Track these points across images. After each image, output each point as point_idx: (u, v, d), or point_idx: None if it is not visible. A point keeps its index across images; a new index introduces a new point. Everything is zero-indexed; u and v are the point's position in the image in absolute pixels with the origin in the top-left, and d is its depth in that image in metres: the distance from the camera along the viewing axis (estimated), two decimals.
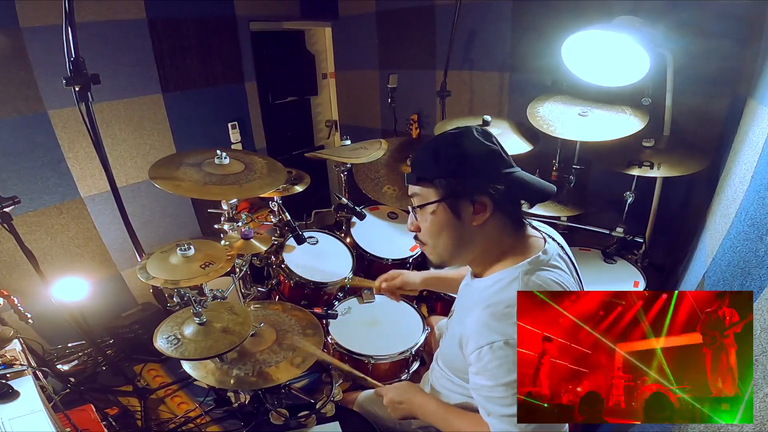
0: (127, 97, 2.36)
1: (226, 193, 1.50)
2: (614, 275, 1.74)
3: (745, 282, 0.87)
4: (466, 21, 2.41)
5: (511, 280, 0.88)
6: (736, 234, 1.04)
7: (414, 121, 2.91)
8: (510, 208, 0.92)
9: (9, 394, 1.19)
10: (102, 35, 2.20)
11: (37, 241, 2.16)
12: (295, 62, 3.36)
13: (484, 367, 0.83)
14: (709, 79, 1.77)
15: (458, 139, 0.91)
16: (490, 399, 0.84)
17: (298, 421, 1.35)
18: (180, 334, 1.23)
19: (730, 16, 1.66)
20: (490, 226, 0.91)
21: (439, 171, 0.90)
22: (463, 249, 0.95)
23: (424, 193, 0.92)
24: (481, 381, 0.85)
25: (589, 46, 1.68)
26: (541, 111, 1.90)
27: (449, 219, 0.90)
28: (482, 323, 0.84)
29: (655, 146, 1.75)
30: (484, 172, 0.89)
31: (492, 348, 0.81)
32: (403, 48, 2.95)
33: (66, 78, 1.23)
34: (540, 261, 0.89)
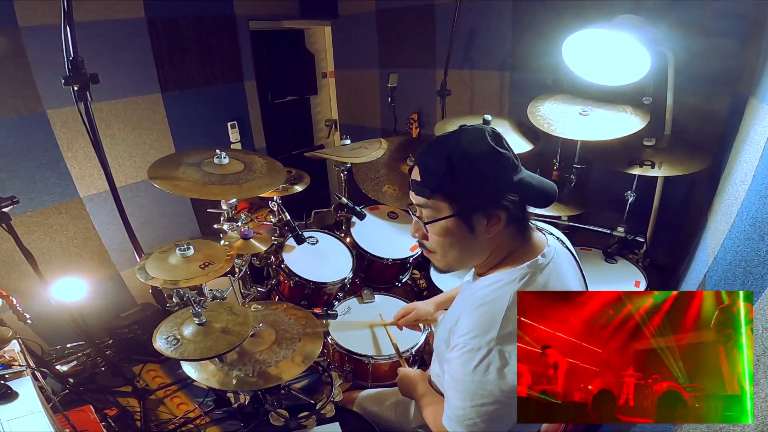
0: (126, 96, 2.35)
1: (226, 192, 1.50)
2: (615, 275, 1.74)
3: (747, 281, 0.86)
4: (467, 20, 2.40)
5: (507, 282, 0.87)
6: (738, 233, 1.03)
7: (414, 121, 2.90)
8: (519, 214, 0.90)
9: (8, 395, 1.19)
10: (101, 34, 2.19)
11: (35, 241, 2.15)
12: (294, 61, 3.35)
13: (457, 358, 0.85)
14: (710, 77, 1.76)
15: (473, 148, 0.85)
16: (454, 390, 0.87)
17: (298, 422, 1.35)
18: (179, 335, 1.23)
19: (731, 15, 1.65)
20: (501, 234, 0.89)
21: (454, 186, 0.85)
22: (473, 258, 0.94)
23: (436, 206, 0.88)
24: (451, 370, 0.88)
25: (589, 45, 1.68)
26: (541, 110, 1.90)
27: (462, 233, 0.88)
28: (471, 320, 0.85)
29: (656, 145, 1.75)
30: (499, 183, 0.86)
31: (470, 345, 0.83)
32: (403, 47, 2.94)
33: (65, 77, 1.23)
34: (539, 264, 0.88)
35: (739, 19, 1.64)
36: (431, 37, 2.73)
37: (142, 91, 2.41)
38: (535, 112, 1.90)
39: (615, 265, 1.80)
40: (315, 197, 2.14)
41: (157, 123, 2.51)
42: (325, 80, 3.56)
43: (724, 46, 1.68)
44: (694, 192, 1.94)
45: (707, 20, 1.69)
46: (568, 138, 1.79)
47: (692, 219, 1.83)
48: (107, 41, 2.22)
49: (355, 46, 3.25)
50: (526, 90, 2.24)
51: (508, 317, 0.81)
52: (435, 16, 2.68)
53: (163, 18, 2.40)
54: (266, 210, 1.97)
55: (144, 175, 1.87)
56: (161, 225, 2.62)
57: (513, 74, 2.44)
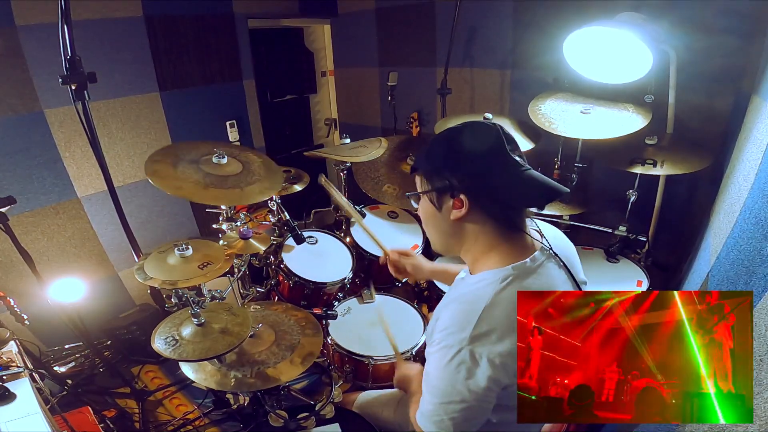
0: (124, 95, 2.34)
1: (228, 197, 1.47)
2: (617, 274, 1.73)
3: (750, 281, 0.85)
4: (467, 17, 2.39)
5: (489, 283, 0.85)
6: (741, 232, 1.03)
7: (414, 119, 2.89)
8: (494, 208, 0.89)
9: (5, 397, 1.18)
10: (98, 33, 2.18)
11: (33, 241, 2.14)
12: (293, 60, 3.34)
13: (434, 353, 0.85)
14: (712, 75, 1.75)
15: (452, 135, 0.91)
16: (424, 384, 0.88)
17: (298, 423, 1.34)
18: (178, 335, 1.22)
19: (733, 12, 1.65)
20: (472, 222, 0.91)
21: (427, 164, 0.94)
22: (449, 240, 0.97)
23: (417, 182, 0.98)
24: (426, 365, 0.88)
25: (591, 42, 1.67)
26: (542, 109, 1.89)
27: (432, 210, 0.94)
28: (450, 315, 0.85)
29: (658, 144, 1.74)
30: (467, 170, 0.87)
31: (440, 341, 0.83)
32: (403, 45, 2.93)
33: (62, 76, 1.22)
34: (525, 267, 0.87)
35: (742, 16, 1.63)
36: (431, 35, 2.72)
37: (140, 90, 2.40)
38: (536, 110, 1.89)
39: (617, 264, 1.79)
40: (314, 196, 2.13)
41: (156, 122, 2.50)
42: (325, 79, 3.55)
43: (726, 43, 1.67)
44: (697, 191, 1.93)
45: (709, 18, 1.68)
46: (569, 137, 1.78)
47: (694, 218, 1.82)
48: (105, 40, 2.21)
49: (355, 44, 3.24)
50: (527, 88, 2.23)
51: (484, 318, 0.79)
52: (435, 14, 2.67)
53: (161, 16, 2.39)
54: (265, 210, 1.96)
55: (142, 174, 1.86)
56: (160, 225, 2.61)
57: (514, 72, 2.43)
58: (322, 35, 3.41)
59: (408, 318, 1.72)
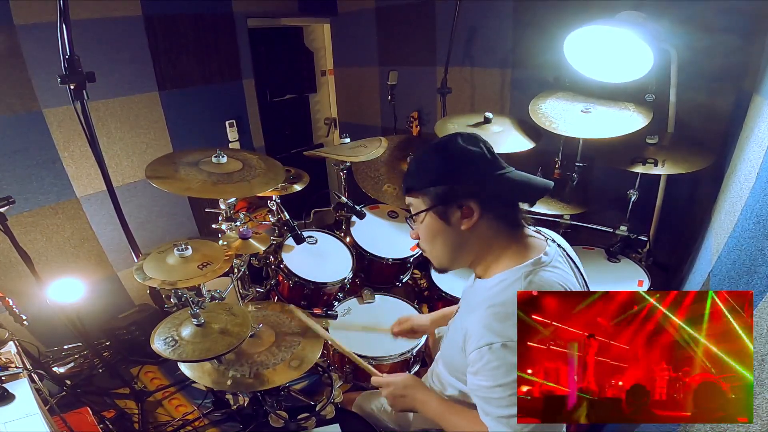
0: (123, 95, 2.34)
1: (238, 190, 1.49)
2: (618, 274, 1.73)
3: (751, 280, 0.85)
4: (467, 17, 2.38)
5: (512, 281, 0.88)
6: (742, 232, 1.03)
7: (414, 119, 2.88)
8: (501, 209, 0.93)
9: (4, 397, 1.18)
10: (97, 32, 2.18)
11: (32, 241, 2.14)
12: (293, 59, 3.34)
13: (483, 367, 0.83)
14: (713, 74, 1.75)
15: (441, 146, 0.94)
16: (488, 400, 0.84)
17: (298, 424, 1.34)
18: (178, 336, 1.22)
19: (734, 11, 1.64)
20: (482, 228, 0.93)
21: (425, 181, 0.94)
22: (459, 253, 0.97)
23: (415, 203, 0.97)
24: (479, 381, 0.86)
25: (591, 41, 1.66)
26: (543, 108, 1.88)
27: (440, 226, 0.94)
28: (483, 324, 0.84)
29: (659, 143, 1.73)
30: (468, 176, 0.91)
31: (491, 349, 0.81)
32: (403, 44, 2.93)
33: (61, 76, 1.22)
34: (542, 262, 0.90)
35: (743, 15, 1.63)
36: (431, 34, 2.71)
37: (139, 90, 2.39)
38: (537, 109, 1.88)
39: (618, 264, 1.78)
40: (314, 196, 2.12)
41: (155, 122, 2.49)
42: (325, 78, 3.54)
43: (727, 42, 1.66)
44: (698, 190, 1.93)
45: (710, 16, 1.68)
46: (570, 136, 1.77)
47: (696, 217, 1.82)
48: (104, 39, 2.20)
49: (355, 43, 3.23)
50: (528, 87, 2.23)
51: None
52: (435, 13, 2.66)
53: (160, 15, 2.38)
54: (265, 209, 1.95)
55: (141, 174, 1.86)
56: (159, 225, 2.60)
57: (514, 71, 2.43)
58: (321, 34, 3.40)
59: None
